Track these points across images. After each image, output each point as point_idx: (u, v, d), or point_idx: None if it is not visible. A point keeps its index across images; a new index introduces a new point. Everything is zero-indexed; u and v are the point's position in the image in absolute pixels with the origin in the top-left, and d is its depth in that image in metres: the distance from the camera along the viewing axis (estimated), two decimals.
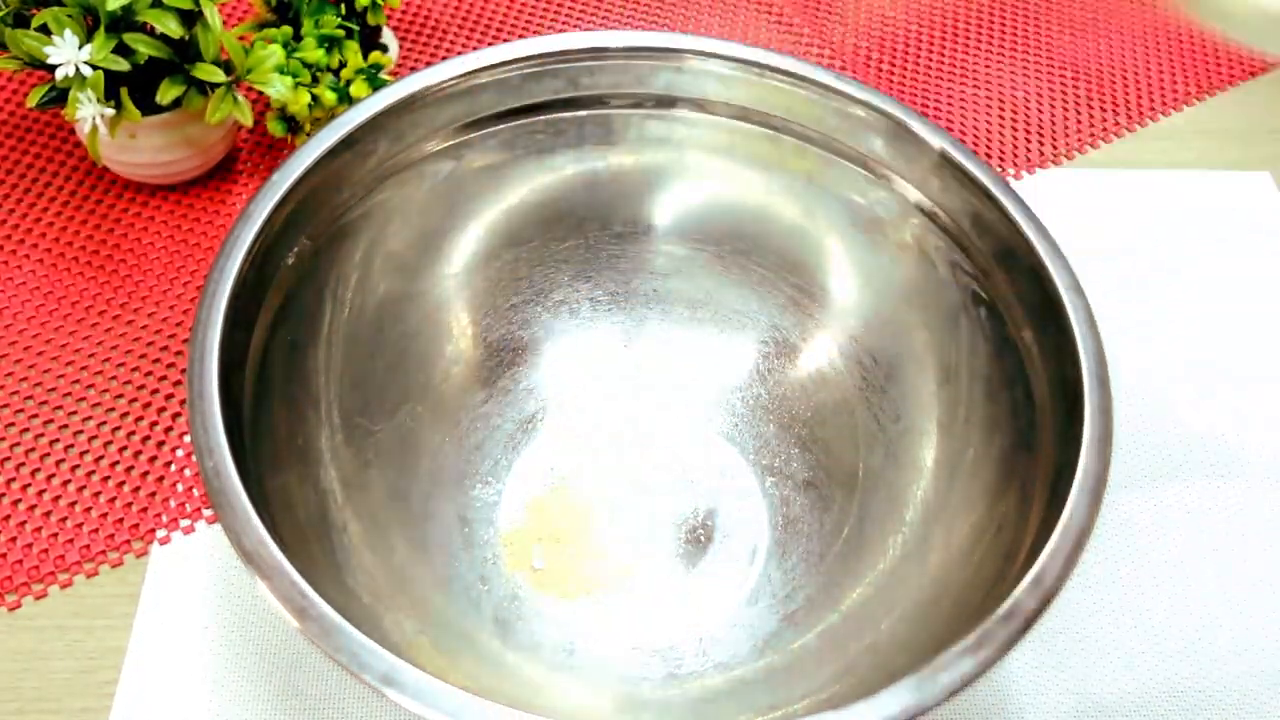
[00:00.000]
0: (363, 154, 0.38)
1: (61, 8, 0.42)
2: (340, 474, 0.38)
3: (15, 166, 0.52)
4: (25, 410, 0.44)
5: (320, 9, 0.50)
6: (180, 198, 0.51)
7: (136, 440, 0.44)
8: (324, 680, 0.39)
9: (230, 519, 0.30)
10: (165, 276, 0.49)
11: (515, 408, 0.44)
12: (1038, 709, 0.39)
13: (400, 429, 0.41)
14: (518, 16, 0.61)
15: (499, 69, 0.39)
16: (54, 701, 0.38)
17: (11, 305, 0.47)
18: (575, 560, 0.41)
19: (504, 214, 0.43)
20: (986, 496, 0.36)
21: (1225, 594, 0.42)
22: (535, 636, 0.39)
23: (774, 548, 0.41)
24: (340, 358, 0.40)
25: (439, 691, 0.27)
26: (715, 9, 0.62)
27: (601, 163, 0.43)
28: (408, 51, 0.58)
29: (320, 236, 0.38)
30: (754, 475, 0.43)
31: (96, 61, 0.42)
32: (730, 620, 0.40)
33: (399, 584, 0.37)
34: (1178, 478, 0.45)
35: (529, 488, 0.43)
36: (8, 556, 0.41)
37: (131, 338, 0.47)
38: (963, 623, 0.31)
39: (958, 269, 0.39)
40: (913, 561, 0.37)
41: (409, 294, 0.42)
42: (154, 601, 0.40)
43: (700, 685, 0.38)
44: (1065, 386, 0.34)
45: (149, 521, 0.42)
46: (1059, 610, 0.41)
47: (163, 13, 0.43)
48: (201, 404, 0.31)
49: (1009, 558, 0.32)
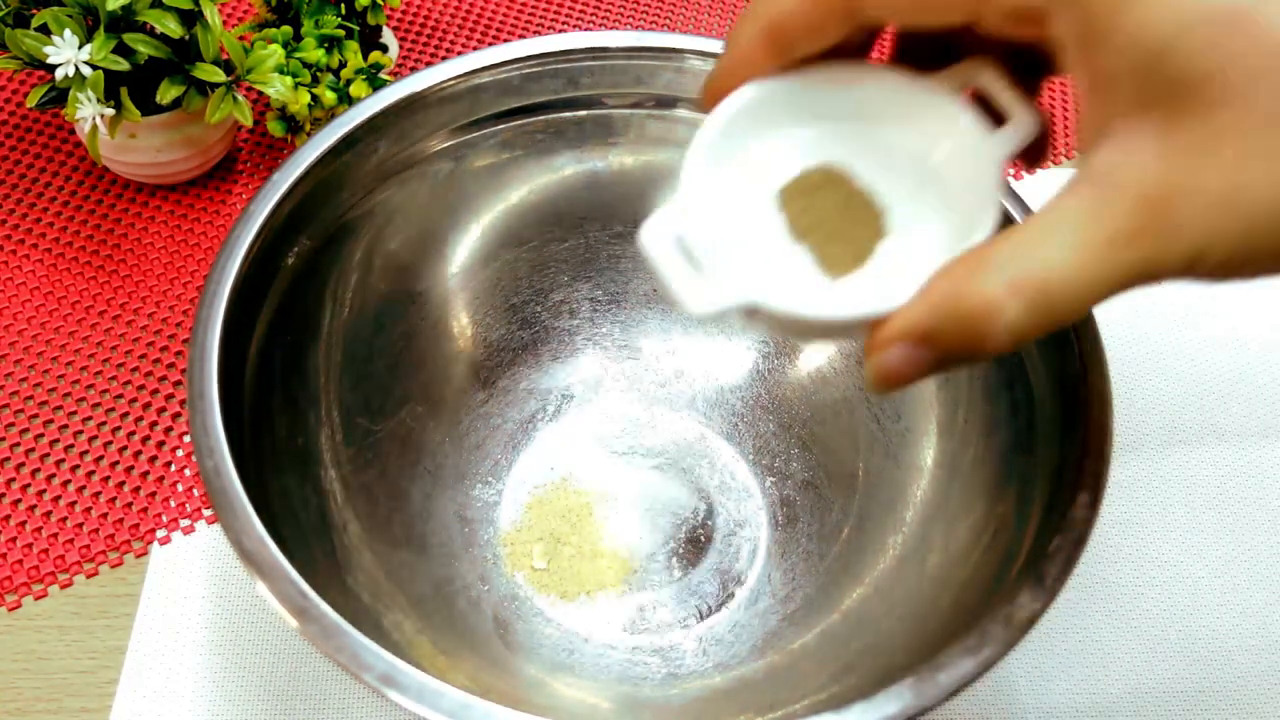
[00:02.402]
0: (363, 154, 0.38)
1: (61, 8, 0.42)
2: (340, 474, 0.38)
3: (15, 167, 0.52)
4: (25, 410, 0.44)
5: (320, 9, 0.50)
6: (180, 198, 0.51)
7: (137, 440, 0.44)
8: (324, 680, 0.39)
9: (230, 519, 0.30)
10: (165, 276, 0.49)
11: (515, 408, 0.44)
12: (1038, 709, 0.39)
13: (400, 429, 0.41)
14: (518, 16, 0.61)
15: (499, 69, 0.39)
16: (54, 701, 0.38)
17: (11, 305, 0.47)
18: (575, 560, 0.41)
19: (504, 214, 0.43)
20: (986, 497, 0.36)
21: (1225, 593, 0.42)
22: (535, 636, 0.39)
23: (774, 548, 0.41)
24: (340, 358, 0.40)
25: (439, 691, 0.27)
26: (715, 9, 0.62)
27: (601, 163, 0.43)
28: (408, 51, 0.58)
29: (320, 236, 0.38)
30: (754, 475, 0.43)
31: (96, 61, 0.42)
32: (730, 620, 0.40)
33: (399, 584, 0.37)
34: (1178, 477, 0.45)
35: (529, 488, 0.43)
36: (8, 556, 0.41)
37: (131, 338, 0.47)
38: (963, 623, 0.31)
39: None
40: (912, 561, 0.37)
41: (409, 294, 0.42)
42: (154, 601, 0.40)
43: (700, 685, 0.38)
44: (1065, 386, 0.34)
45: (149, 521, 0.42)
46: (1059, 610, 0.41)
47: (163, 13, 0.43)
48: (202, 404, 0.31)
49: (1009, 558, 0.32)
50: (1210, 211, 0.20)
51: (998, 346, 0.22)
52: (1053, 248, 0.21)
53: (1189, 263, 0.21)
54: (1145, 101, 0.20)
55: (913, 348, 0.22)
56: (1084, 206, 0.21)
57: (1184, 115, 0.20)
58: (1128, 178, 0.20)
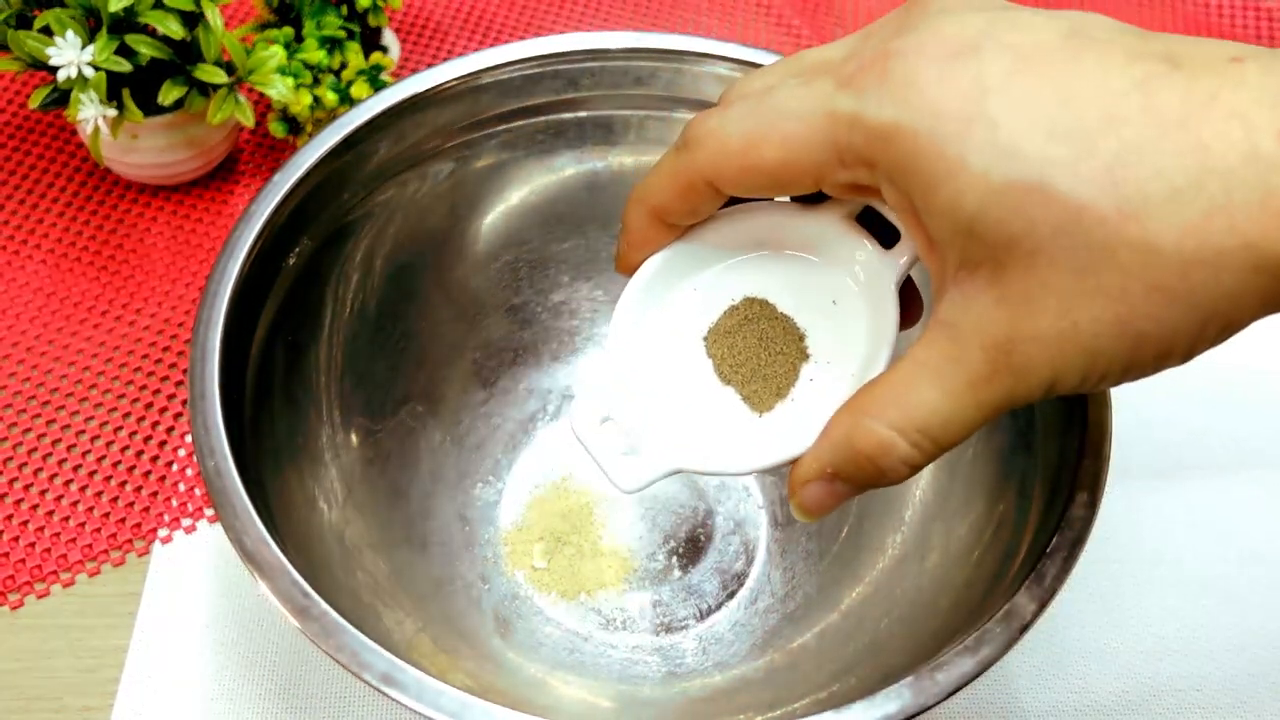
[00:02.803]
0: (364, 155, 0.39)
1: (64, 9, 0.43)
2: (341, 474, 0.38)
3: (18, 168, 0.52)
4: (28, 410, 0.44)
5: (322, 10, 0.50)
6: (182, 198, 0.51)
7: (138, 440, 0.44)
8: (324, 680, 0.39)
9: (231, 519, 0.30)
10: (167, 277, 0.49)
11: (515, 408, 0.44)
12: (1038, 709, 0.39)
13: (401, 428, 0.41)
14: (518, 18, 0.61)
15: (500, 70, 0.40)
16: (56, 700, 0.38)
17: (13, 305, 0.47)
18: (575, 560, 0.41)
19: (504, 214, 0.43)
20: (986, 496, 0.36)
21: (1224, 593, 0.42)
22: (535, 636, 0.39)
23: (774, 547, 0.41)
24: (341, 357, 0.40)
25: (439, 691, 0.27)
26: (715, 9, 0.62)
27: (602, 163, 0.43)
28: (409, 53, 0.58)
29: (321, 237, 0.38)
30: (754, 475, 0.43)
31: (99, 63, 0.42)
32: (730, 620, 0.40)
33: (399, 583, 0.37)
34: (1177, 476, 0.45)
35: (529, 487, 0.43)
36: (10, 556, 0.41)
37: (133, 338, 0.47)
38: (962, 623, 0.31)
39: None
40: (912, 561, 0.37)
41: (409, 294, 0.42)
42: (156, 600, 0.40)
43: (700, 684, 0.38)
44: None
45: (150, 521, 0.42)
46: (1059, 610, 0.41)
47: (165, 14, 0.43)
48: (203, 404, 0.31)
49: (1008, 557, 0.32)
50: (1050, 351, 0.22)
51: (897, 477, 0.25)
52: (925, 391, 0.24)
53: (1046, 389, 0.23)
54: (972, 261, 0.23)
55: (825, 484, 0.26)
56: (941, 354, 0.24)
57: (1007, 270, 0.22)
58: (971, 328, 0.23)
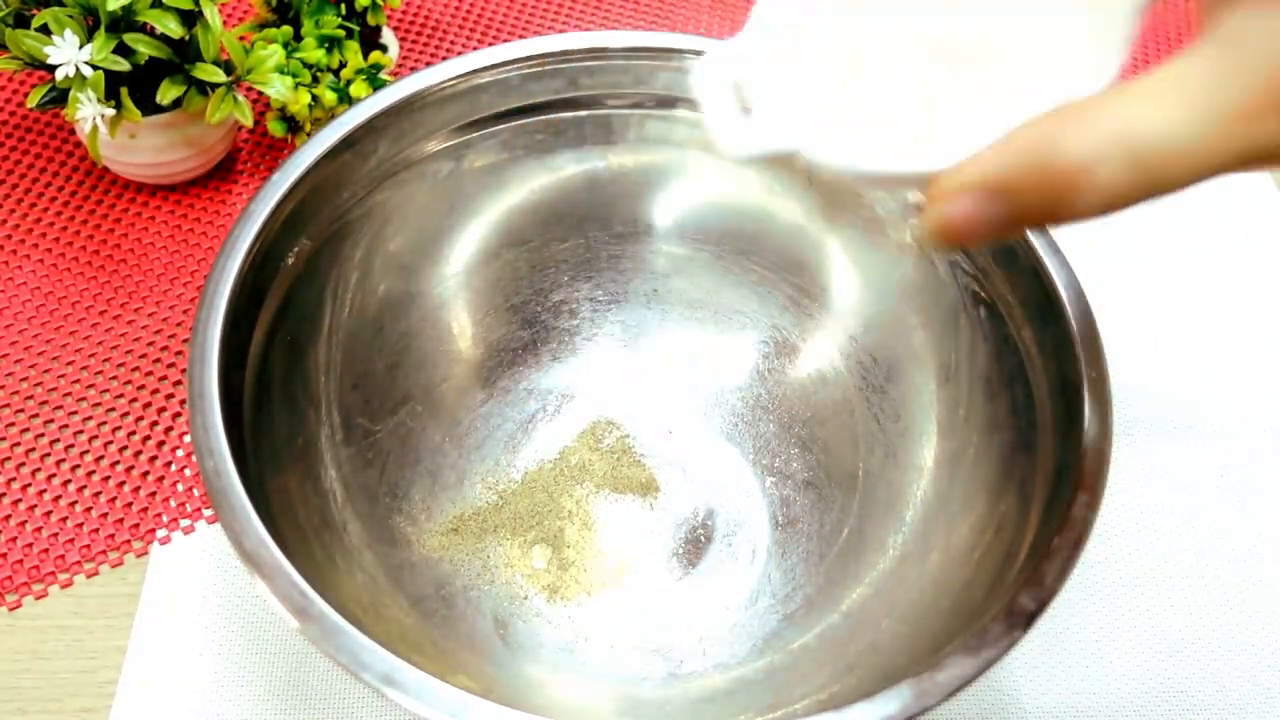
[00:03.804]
0: (363, 154, 0.39)
1: (62, 8, 0.42)
2: (340, 474, 0.38)
3: (16, 167, 0.52)
4: (26, 410, 0.44)
5: (320, 9, 0.50)
6: (180, 198, 0.51)
7: (137, 440, 0.44)
8: (324, 680, 0.39)
9: (230, 519, 0.30)
10: (165, 276, 0.49)
11: (515, 408, 0.44)
12: (1038, 709, 0.39)
13: (400, 429, 0.41)
14: (518, 16, 0.61)
15: (499, 69, 0.39)
16: (55, 701, 0.38)
17: (12, 305, 0.47)
18: (575, 560, 0.41)
19: (504, 214, 0.43)
20: (986, 496, 0.36)
21: (1223, 593, 0.42)
22: (535, 636, 0.39)
23: (774, 548, 0.41)
24: (340, 357, 0.40)
25: (439, 691, 0.27)
26: (715, 9, 0.62)
27: (601, 163, 0.43)
28: (408, 52, 0.58)
29: (320, 236, 0.38)
30: (754, 475, 0.43)
31: (97, 62, 0.42)
32: (730, 620, 0.40)
33: (399, 584, 0.37)
34: (1177, 477, 0.45)
35: (529, 487, 0.43)
36: (8, 556, 0.41)
37: (132, 338, 0.47)
38: (963, 623, 0.31)
39: (957, 268, 0.39)
40: (912, 561, 0.37)
41: (409, 294, 0.42)
42: (154, 601, 0.40)
43: (700, 685, 0.38)
44: (1065, 386, 0.34)
45: (149, 521, 0.42)
46: (1059, 610, 0.41)
47: (163, 13, 0.43)
48: (202, 404, 0.31)
49: (1009, 558, 0.32)
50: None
51: (1085, 208, 0.19)
52: (1170, 108, 0.18)
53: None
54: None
55: (984, 201, 0.20)
56: (1210, 70, 0.18)
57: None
58: (1266, 46, 0.18)
